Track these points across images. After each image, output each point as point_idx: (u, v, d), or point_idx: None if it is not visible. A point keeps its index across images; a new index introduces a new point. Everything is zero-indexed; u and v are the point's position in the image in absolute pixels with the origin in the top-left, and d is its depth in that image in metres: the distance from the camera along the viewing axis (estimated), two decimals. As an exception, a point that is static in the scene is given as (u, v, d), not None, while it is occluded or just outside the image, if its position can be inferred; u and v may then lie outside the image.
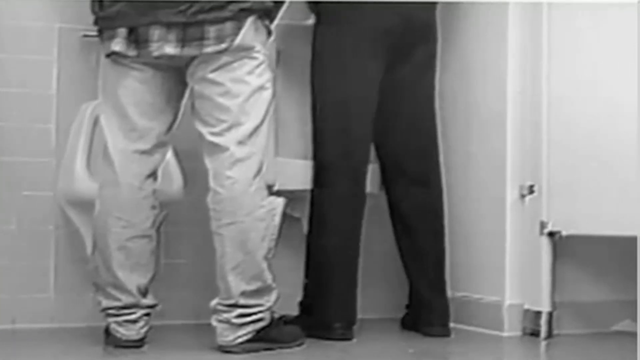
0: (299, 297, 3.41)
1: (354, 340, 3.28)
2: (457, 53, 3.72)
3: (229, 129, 2.91)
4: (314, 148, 3.38)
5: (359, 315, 3.38)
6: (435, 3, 3.49)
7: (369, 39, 3.33)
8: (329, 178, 3.34)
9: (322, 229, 3.34)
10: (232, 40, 2.85)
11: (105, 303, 3.01)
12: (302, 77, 3.43)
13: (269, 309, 2.97)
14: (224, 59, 2.87)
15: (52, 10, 3.51)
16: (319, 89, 3.38)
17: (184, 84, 2.99)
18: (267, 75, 2.97)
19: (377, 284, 3.77)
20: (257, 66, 2.92)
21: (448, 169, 3.61)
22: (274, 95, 3.01)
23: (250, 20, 2.88)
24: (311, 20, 3.51)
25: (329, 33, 3.37)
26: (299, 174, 3.41)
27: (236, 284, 2.92)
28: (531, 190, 3.44)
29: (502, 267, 3.47)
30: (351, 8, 3.31)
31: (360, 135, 3.38)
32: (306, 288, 3.40)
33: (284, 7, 3.14)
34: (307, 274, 3.38)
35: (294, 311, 3.39)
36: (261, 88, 2.94)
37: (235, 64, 2.89)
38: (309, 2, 3.46)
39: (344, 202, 3.34)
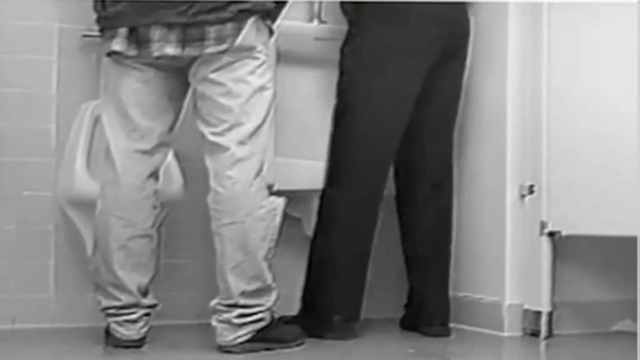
0: (299, 297, 3.41)
1: (354, 339, 3.28)
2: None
3: (230, 129, 2.90)
4: (334, 147, 3.35)
5: (359, 316, 3.39)
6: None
7: (421, 42, 3.32)
8: (350, 179, 3.32)
9: (333, 228, 3.32)
10: (233, 41, 2.85)
11: (105, 303, 3.01)
12: (303, 77, 3.43)
13: (269, 309, 2.97)
14: (226, 59, 2.87)
15: (52, 10, 3.50)
16: (356, 87, 3.32)
17: (185, 84, 2.99)
18: (269, 75, 2.96)
19: (377, 283, 3.76)
20: (259, 66, 2.92)
21: (448, 169, 3.62)
22: (274, 95, 3.00)
23: (251, 21, 2.88)
24: (314, 23, 3.52)
25: (378, 35, 3.32)
26: (299, 173, 3.41)
27: (236, 284, 2.92)
28: (531, 190, 3.44)
29: (502, 267, 3.47)
30: (406, 8, 3.29)
31: (393, 139, 3.36)
32: (306, 288, 3.39)
33: (286, 8, 3.13)
34: (309, 272, 3.37)
35: (294, 311, 3.39)
36: (262, 88, 2.94)
37: (236, 64, 2.88)
38: (344, 3, 3.43)
39: (363, 204, 3.33)
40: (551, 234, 3.38)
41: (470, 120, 3.66)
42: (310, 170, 3.41)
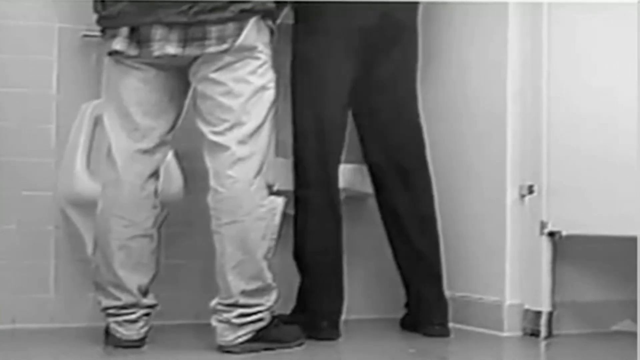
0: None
1: (355, 340, 3.28)
2: (457, 53, 3.72)
3: (230, 128, 2.91)
4: (294, 148, 3.37)
5: (359, 316, 3.38)
6: (416, 4, 3.47)
7: (343, 37, 3.31)
8: (306, 179, 3.33)
9: (302, 231, 3.33)
10: (234, 41, 2.85)
11: (106, 302, 3.01)
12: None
13: (269, 308, 2.97)
14: (227, 58, 2.88)
15: (52, 10, 3.51)
16: (296, 89, 3.36)
17: (186, 83, 2.99)
18: (270, 75, 2.97)
19: (377, 283, 3.77)
20: (260, 66, 2.92)
21: (448, 169, 3.62)
22: (276, 95, 3.00)
23: (252, 21, 2.88)
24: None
25: (304, 33, 3.34)
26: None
27: (236, 284, 2.92)
28: (531, 190, 3.44)
29: (502, 267, 3.47)
30: (326, 7, 3.29)
31: (333, 136, 3.35)
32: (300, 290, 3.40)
33: (286, 8, 3.13)
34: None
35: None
36: (263, 88, 2.94)
37: (237, 64, 2.89)
38: (291, 2, 3.45)
39: (319, 204, 3.32)
40: (551, 234, 3.38)
41: (470, 120, 3.66)
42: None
